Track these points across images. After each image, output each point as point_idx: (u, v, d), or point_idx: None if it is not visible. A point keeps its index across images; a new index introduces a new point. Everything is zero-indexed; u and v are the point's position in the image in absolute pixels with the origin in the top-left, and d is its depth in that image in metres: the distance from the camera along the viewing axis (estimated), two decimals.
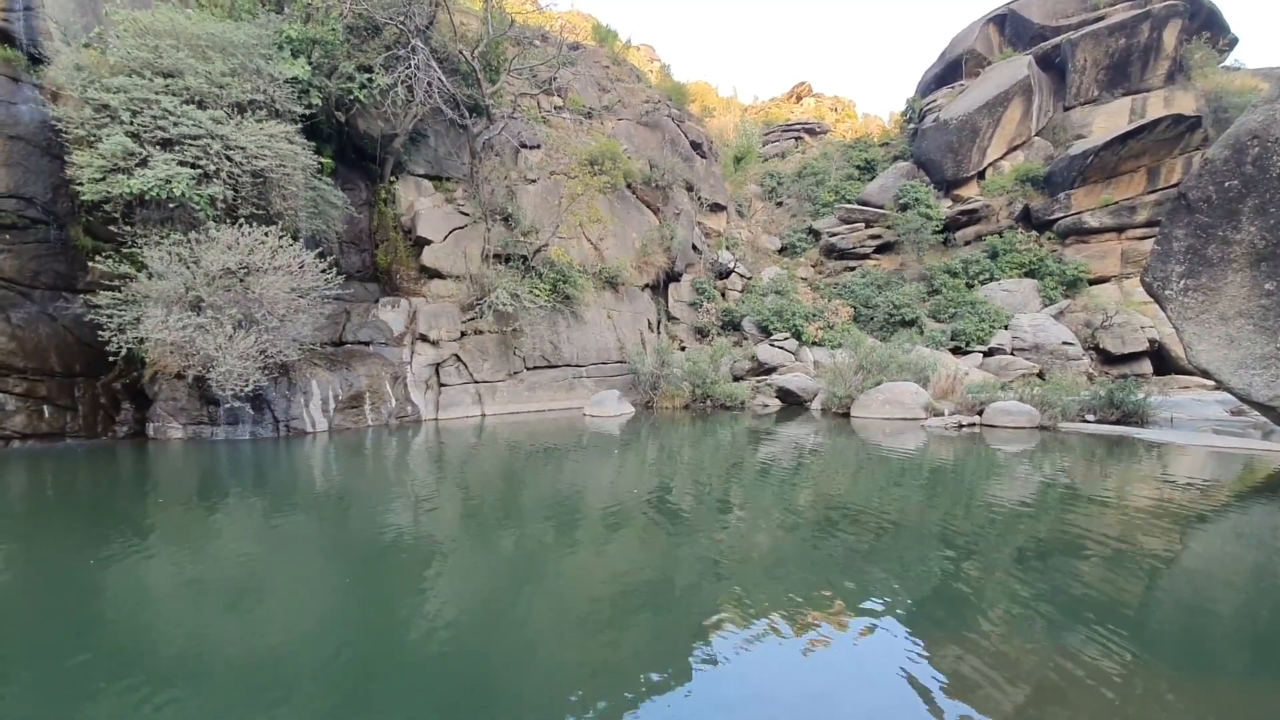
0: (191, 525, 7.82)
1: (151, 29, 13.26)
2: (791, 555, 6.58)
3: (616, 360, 22.58)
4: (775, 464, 11.48)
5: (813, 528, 7.44)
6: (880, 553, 6.48)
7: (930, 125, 31.78)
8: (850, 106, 48.74)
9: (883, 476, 10.41)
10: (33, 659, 4.39)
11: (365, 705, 3.85)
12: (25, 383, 13.41)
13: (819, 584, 5.70)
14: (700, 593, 5.60)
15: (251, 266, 13.26)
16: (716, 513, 8.32)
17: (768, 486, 9.89)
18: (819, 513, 8.12)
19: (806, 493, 9.38)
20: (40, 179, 13.78)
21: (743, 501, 8.95)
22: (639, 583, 5.79)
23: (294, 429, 14.60)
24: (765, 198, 36.83)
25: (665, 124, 28.28)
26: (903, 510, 8.18)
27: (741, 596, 5.45)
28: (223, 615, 5.16)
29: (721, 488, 9.92)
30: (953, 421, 15.84)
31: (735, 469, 11.33)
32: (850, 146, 37.90)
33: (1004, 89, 29.58)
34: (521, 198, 21.02)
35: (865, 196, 32.44)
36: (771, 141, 42.86)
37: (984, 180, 30.63)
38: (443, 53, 18.76)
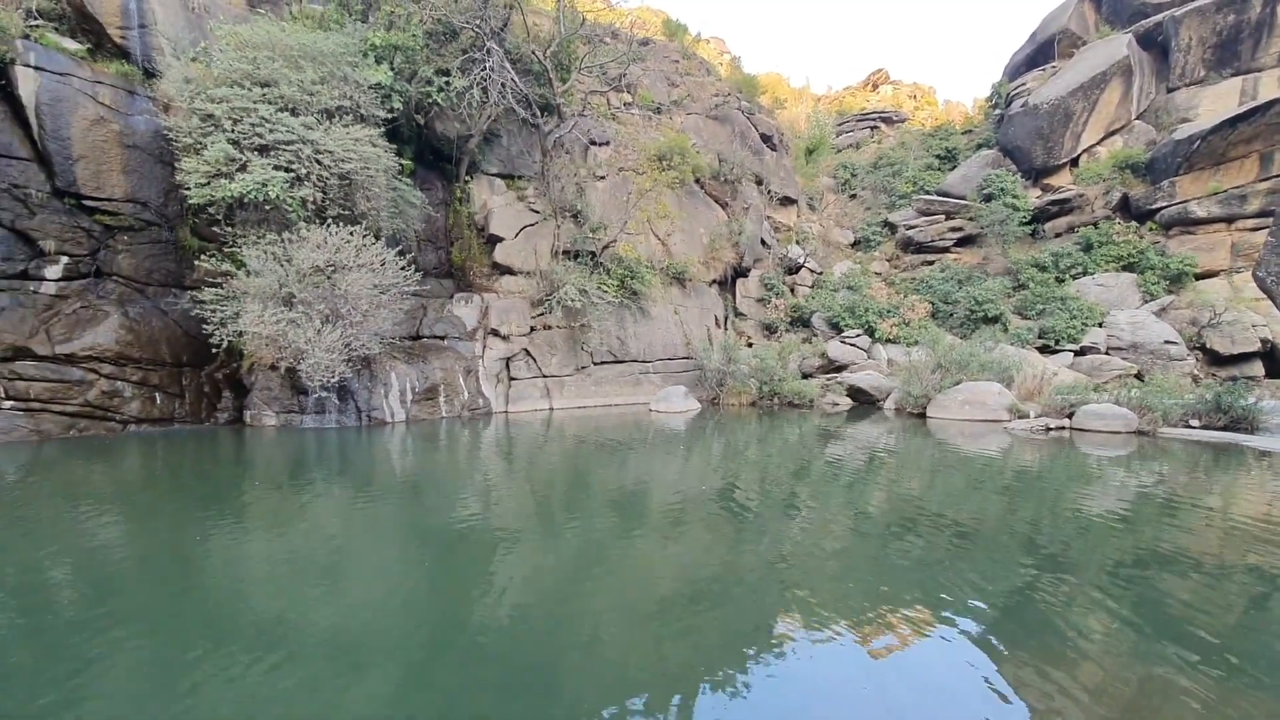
0: (283, 507, 8.35)
1: (250, 42, 14.17)
2: (860, 559, 6.39)
3: (683, 356, 22.54)
4: (845, 464, 11.17)
5: (884, 532, 7.20)
6: (956, 561, 6.20)
7: (1018, 110, 30.05)
8: (930, 93, 46.73)
9: (960, 480, 9.96)
10: (144, 625, 4.80)
11: (435, 682, 4.01)
12: (140, 372, 14.65)
13: (889, 590, 5.51)
14: (764, 593, 5.52)
15: (338, 264, 14.00)
16: (783, 512, 8.18)
17: (837, 487, 9.64)
18: (891, 516, 7.85)
19: (878, 495, 9.08)
20: (154, 184, 14.99)
21: (810, 502, 8.76)
22: (703, 580, 5.76)
23: (374, 419, 15.33)
24: (838, 190, 35.83)
25: (735, 117, 27.93)
26: (981, 517, 7.80)
27: (807, 599, 5.34)
28: (310, 590, 5.49)
29: (788, 487, 9.74)
30: (1039, 424, 14.97)
31: (803, 468, 11.11)
32: (930, 135, 36.33)
33: (1101, 70, 27.60)
34: (590, 194, 21.26)
35: (946, 187, 31.03)
36: (845, 132, 41.62)
37: (1077, 168, 28.72)
38: (516, 54, 19.19)
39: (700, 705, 3.76)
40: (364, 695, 3.88)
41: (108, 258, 14.62)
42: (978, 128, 35.07)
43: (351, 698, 3.84)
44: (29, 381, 13.16)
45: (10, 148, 13.30)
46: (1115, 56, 27.70)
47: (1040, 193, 28.87)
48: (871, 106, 44.28)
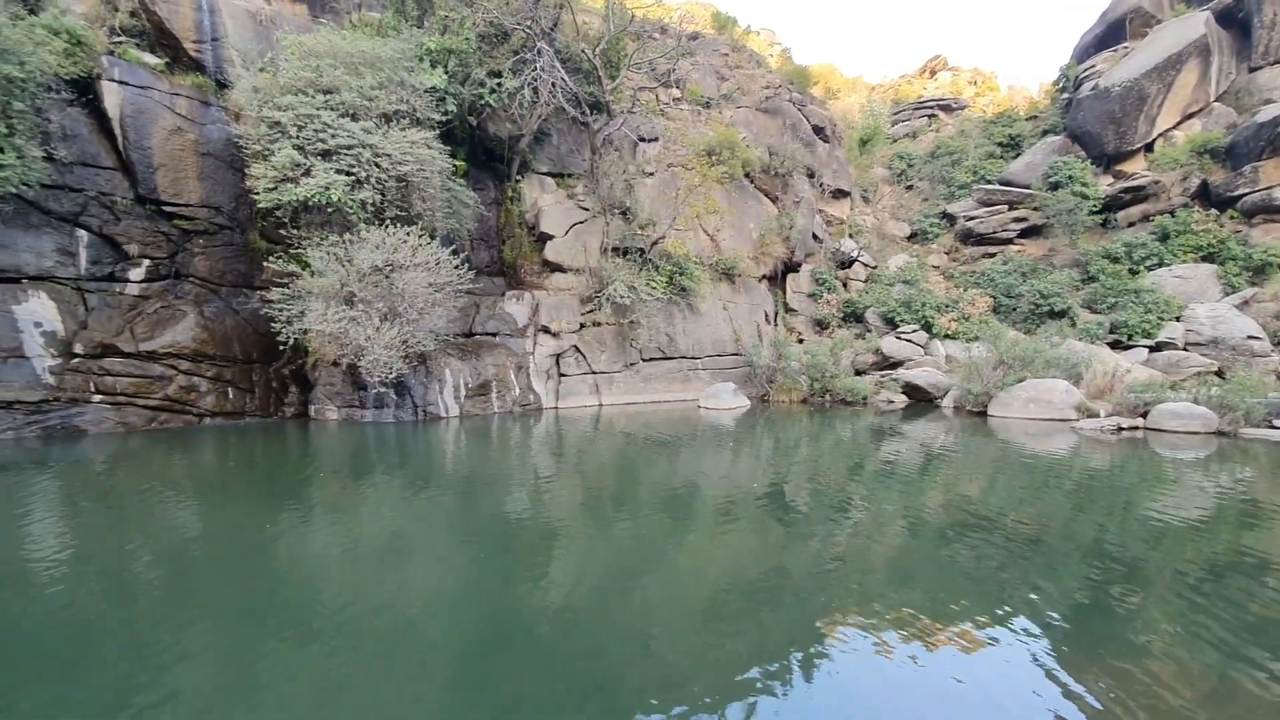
0: (345, 497, 8.70)
1: (314, 50, 14.73)
2: (915, 561, 6.22)
3: (732, 353, 22.37)
4: (900, 464, 10.89)
5: (941, 533, 7.00)
6: (1017, 565, 5.98)
7: (1088, 94, 28.54)
8: (992, 79, 44.85)
9: (1024, 482, 9.57)
10: (222, 612, 5.09)
11: (489, 671, 4.12)
12: (214, 368, 15.48)
13: (945, 594, 5.35)
14: (815, 593, 5.45)
15: (395, 264, 14.45)
16: (835, 512, 8.04)
17: (891, 487, 9.41)
18: (948, 518, 7.61)
19: (935, 496, 8.82)
20: (226, 190, 15.78)
21: (864, 502, 8.58)
22: (752, 578, 5.73)
23: (430, 413, 15.78)
24: (893, 181, 34.83)
25: (786, 109, 27.47)
26: (1046, 520, 7.48)
27: (859, 601, 5.24)
28: (370, 578, 5.71)
29: (841, 486, 9.56)
30: (1110, 424, 14.25)
31: (856, 467, 10.88)
32: (991, 122, 34.89)
33: (1177, 50, 25.91)
34: (639, 191, 21.29)
35: (1009, 176, 29.76)
36: (901, 121, 40.40)
37: (1152, 153, 27.08)
38: (566, 53, 19.36)
39: (750, 707, 3.74)
40: (425, 684, 4.01)
41: (185, 260, 15.49)
42: (1044, 113, 33.48)
43: (414, 686, 3.98)
44: (115, 377, 14.07)
45: (98, 158, 14.23)
46: (1192, 35, 25.96)
47: (1112, 180, 27.36)
48: (929, 94, 42.82)
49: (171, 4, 15.42)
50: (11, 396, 12.90)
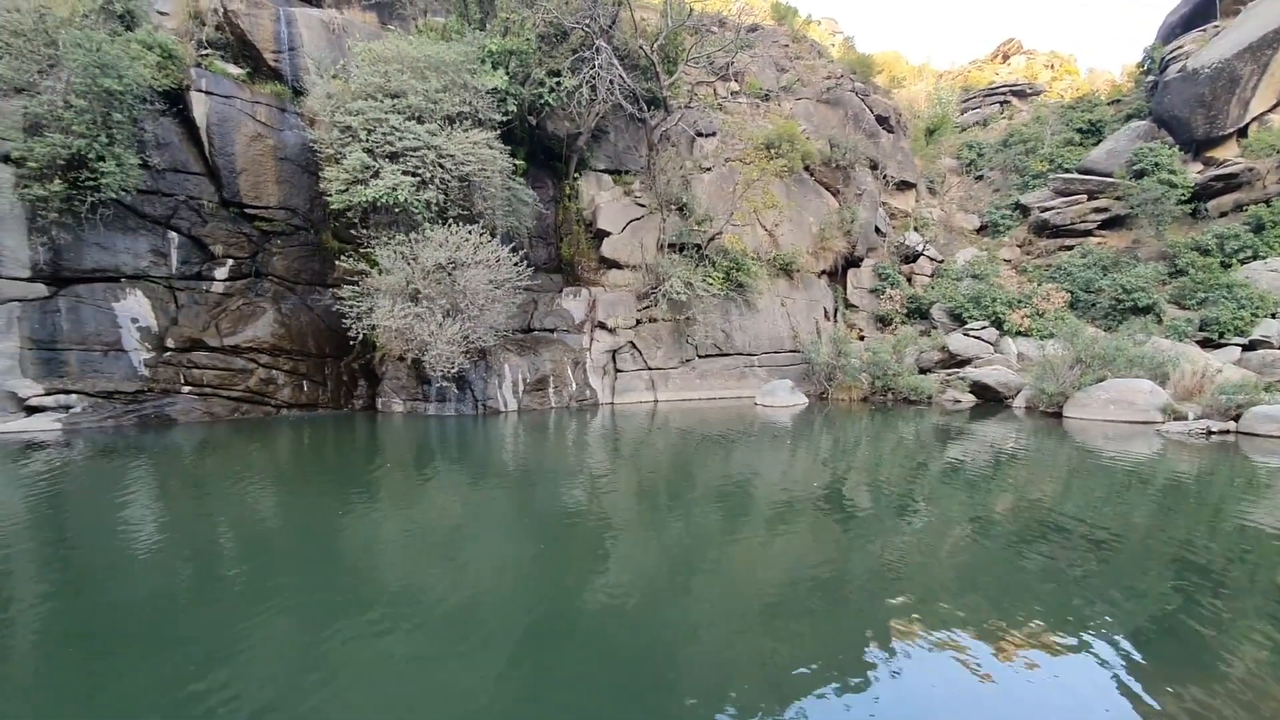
0: (410, 487, 9.04)
1: (382, 56, 15.29)
2: (981, 567, 6.00)
3: (790, 349, 22.04)
4: (967, 465, 10.50)
5: (1010, 539, 6.72)
6: (1093, 575, 5.68)
7: (1175, 76, 26.64)
8: (1070, 62, 42.47)
9: (1102, 487, 9.07)
10: (294, 593, 5.38)
11: (546, 658, 4.22)
12: (291, 361, 16.31)
13: (1014, 602, 5.14)
14: (874, 597, 5.32)
15: (458, 261, 14.87)
16: (896, 514, 7.83)
17: (957, 489, 9.08)
18: (1019, 523, 7.29)
19: (1004, 499, 8.47)
20: (301, 193, 16.58)
21: (927, 504, 8.31)
22: (808, 579, 5.65)
23: (489, 407, 16.19)
24: (962, 172, 33.47)
25: (848, 100, 26.78)
26: (1126, 527, 7.08)
27: (920, 606, 5.09)
28: (433, 565, 5.93)
29: (903, 487, 9.30)
30: (1199, 427, 13.33)
31: (920, 468, 10.55)
32: (1070, 108, 33.01)
33: (1272, 28, 23.81)
34: (696, 187, 21.19)
35: (1088, 164, 28.12)
36: (972, 108, 38.76)
37: (1245, 139, 25.05)
38: (623, 50, 19.43)
39: (802, 710, 3.70)
40: (486, 666, 4.14)
41: (264, 259, 16.39)
42: (1127, 97, 31.47)
43: (475, 667, 4.12)
44: (202, 370, 15.02)
45: (187, 164, 15.19)
46: None
47: (1201, 167, 25.48)
48: (1001, 80, 40.89)
49: (253, 16, 16.28)
50: (112, 387, 13.96)
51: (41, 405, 13.09)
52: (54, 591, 5.35)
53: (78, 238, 13.71)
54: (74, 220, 13.44)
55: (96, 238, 13.97)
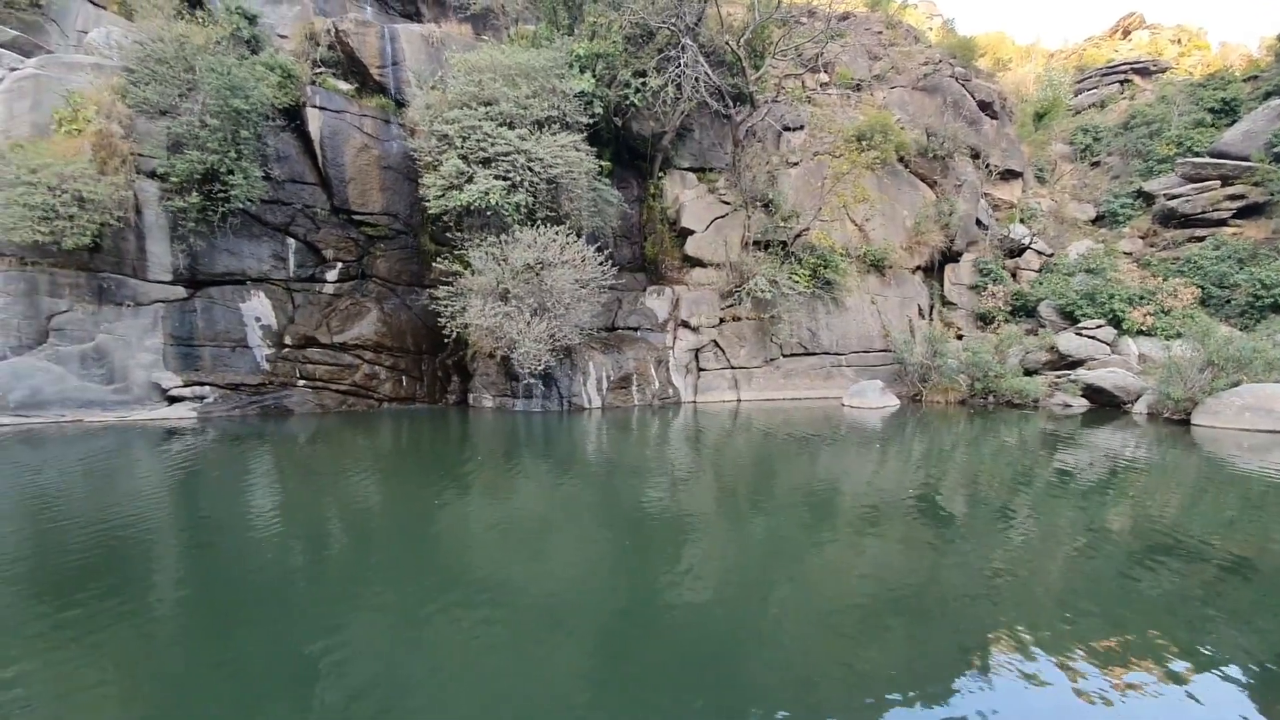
0: (499, 479, 9.40)
1: (477, 65, 15.95)
2: (1091, 586, 5.55)
3: (880, 349, 21.20)
4: (1079, 475, 9.74)
5: (1125, 557, 6.18)
6: (1225, 598, 5.13)
7: None
8: (1199, 35, 38.36)
9: (1236, 502, 8.17)
10: (392, 576, 5.74)
11: (625, 653, 4.29)
12: (391, 358, 17.35)
13: (1128, 625, 4.72)
14: (969, 612, 5.05)
15: (545, 261, 15.30)
16: (995, 525, 7.38)
17: (1065, 501, 8.44)
18: (1138, 539, 6.70)
19: (1120, 513, 7.80)
20: (402, 199, 17.58)
21: (1032, 515, 7.78)
22: (897, 589, 5.43)
23: (574, 404, 16.56)
24: (1076, 158, 30.98)
25: (946, 86, 25.38)
26: (1262, 550, 6.34)
27: (1020, 625, 4.78)
28: (521, 556, 6.15)
29: (1004, 497, 8.75)
30: None
31: (1023, 477, 9.89)
32: (1200, 85, 29.79)
33: None
34: (782, 182, 20.76)
35: (1222, 146, 25.30)
36: (1087, 89, 35.80)
37: None
38: (709, 46, 19.31)
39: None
40: (567, 659, 4.27)
41: (369, 262, 17.51)
42: (1265, 73, 28.01)
43: (556, 659, 4.25)
44: (315, 365, 16.25)
45: (303, 175, 16.45)
46: None
47: None
48: (1121, 57, 37.47)
49: (361, 35, 17.41)
50: (238, 380, 15.35)
51: (180, 395, 14.58)
52: (191, 562, 5.97)
53: (211, 245, 15.15)
54: (208, 229, 14.86)
55: (226, 244, 15.39)
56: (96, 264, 13.82)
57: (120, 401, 14.03)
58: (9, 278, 12.95)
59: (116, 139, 13.67)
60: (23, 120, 13.28)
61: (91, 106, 13.57)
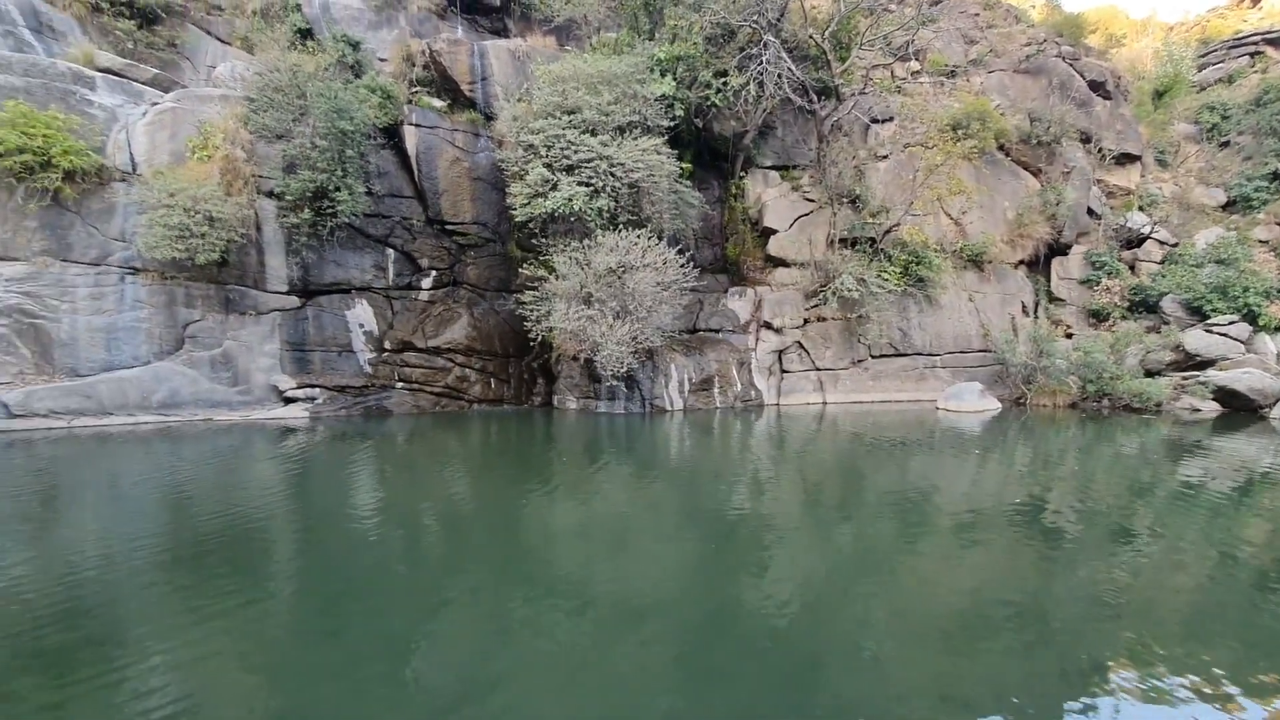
0: (583, 479, 9.58)
1: (560, 76, 16.37)
2: (1224, 607, 5.01)
3: (979, 349, 20.03)
4: (1209, 486, 8.82)
5: (1260, 578, 5.54)
6: None
7: None
8: None
9: None
10: (481, 572, 5.97)
11: (707, 659, 4.26)
12: (480, 361, 18.07)
13: (1260, 654, 4.22)
14: (1082, 631, 4.67)
15: (627, 265, 15.48)
16: (1112, 538, 6.80)
17: (1194, 514, 7.66)
18: (1275, 560, 5.99)
19: (1258, 530, 7.00)
20: (491, 208, 18.28)
21: (1153, 529, 7.12)
22: (999, 605, 5.11)
23: (656, 406, 16.64)
24: (1202, 138, 28.08)
25: (1052, 66, 23.69)
26: None
27: (1137, 648, 4.38)
28: (603, 555, 6.24)
29: (1122, 508, 8.05)
30: None
31: (1145, 487, 9.07)
32: None
33: None
34: (870, 177, 20.04)
35: None
36: (1212, 64, 32.38)
37: None
38: (792, 42, 18.93)
39: None
40: (648, 662, 4.29)
41: (460, 269, 18.32)
42: None
43: (637, 662, 4.28)
44: (412, 368, 17.16)
45: (401, 189, 17.43)
46: None
47: None
48: (1250, 27, 33.63)
49: (453, 53, 18.28)
50: (344, 382, 16.44)
51: (294, 396, 15.77)
52: (303, 550, 6.45)
53: (320, 257, 16.32)
54: (318, 242, 16.02)
55: (334, 256, 16.53)
56: (224, 277, 15.20)
57: (244, 402, 15.35)
58: (151, 291, 14.46)
59: (240, 163, 14.99)
60: (163, 149, 14.79)
61: (219, 134, 14.95)
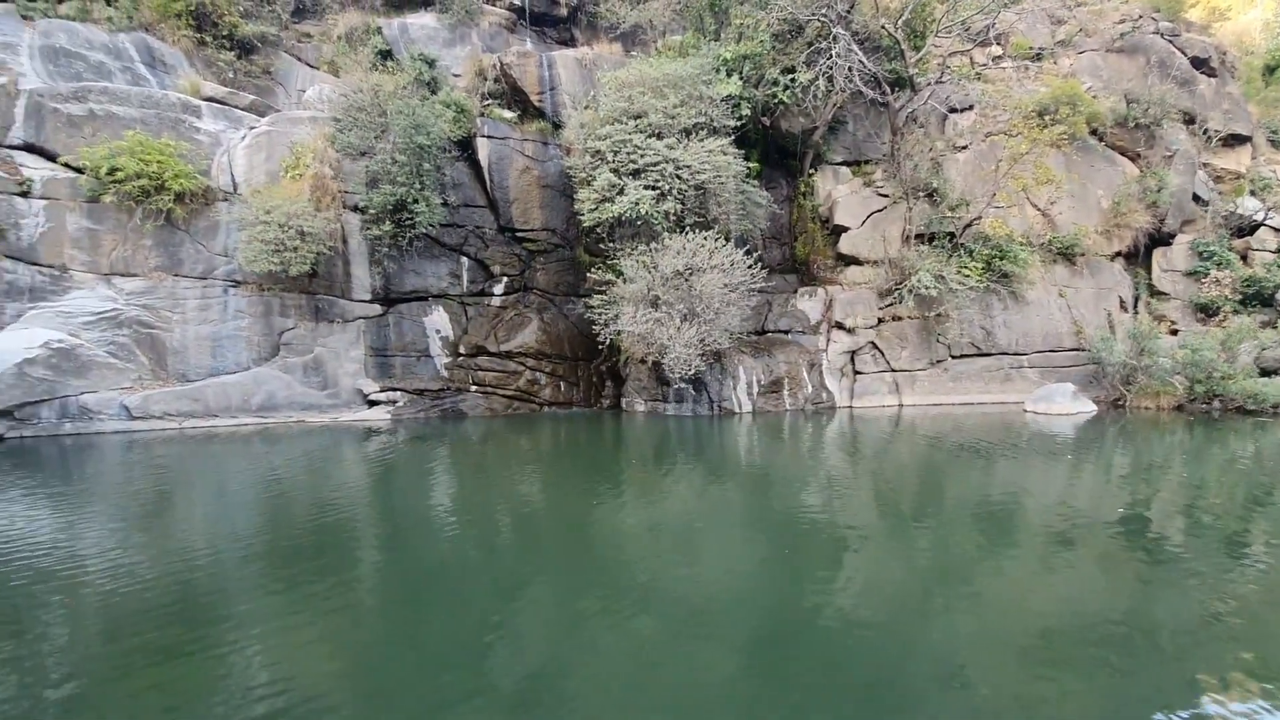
0: (652, 482, 9.62)
1: (626, 81, 16.53)
2: None
3: (1071, 348, 18.82)
4: None
5: None
6: None
7: None
8: None
9: None
10: (552, 572, 6.09)
11: (780, 668, 4.18)
12: (550, 364, 18.44)
13: None
14: (1189, 653, 4.31)
15: (694, 267, 15.45)
16: (1225, 551, 6.24)
17: None
18: None
19: None
20: (559, 214, 18.66)
21: (1272, 542, 6.49)
22: (1096, 619, 4.78)
23: (724, 409, 16.50)
24: None
25: (1149, 44, 22.02)
26: None
27: (1251, 671, 3.99)
28: (674, 560, 6.25)
29: (1237, 519, 7.38)
30: None
31: (1262, 496, 8.28)
32: None
33: None
34: (949, 169, 19.21)
35: None
36: None
37: None
38: (863, 33, 18.38)
39: None
40: (717, 668, 4.27)
41: (530, 275, 18.80)
42: None
43: (707, 668, 4.26)
44: (485, 372, 17.72)
45: (474, 199, 18.06)
46: None
47: None
48: None
49: (522, 66, 18.79)
50: (422, 386, 17.15)
51: (377, 399, 16.58)
52: (386, 545, 6.77)
53: (400, 266, 17.11)
54: (398, 253, 16.79)
55: (412, 265, 17.29)
56: (314, 287, 16.16)
57: (332, 405, 16.26)
58: (251, 302, 15.55)
59: (328, 179, 15.92)
60: (259, 170, 15.89)
61: (309, 154, 15.92)
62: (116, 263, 14.48)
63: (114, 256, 14.46)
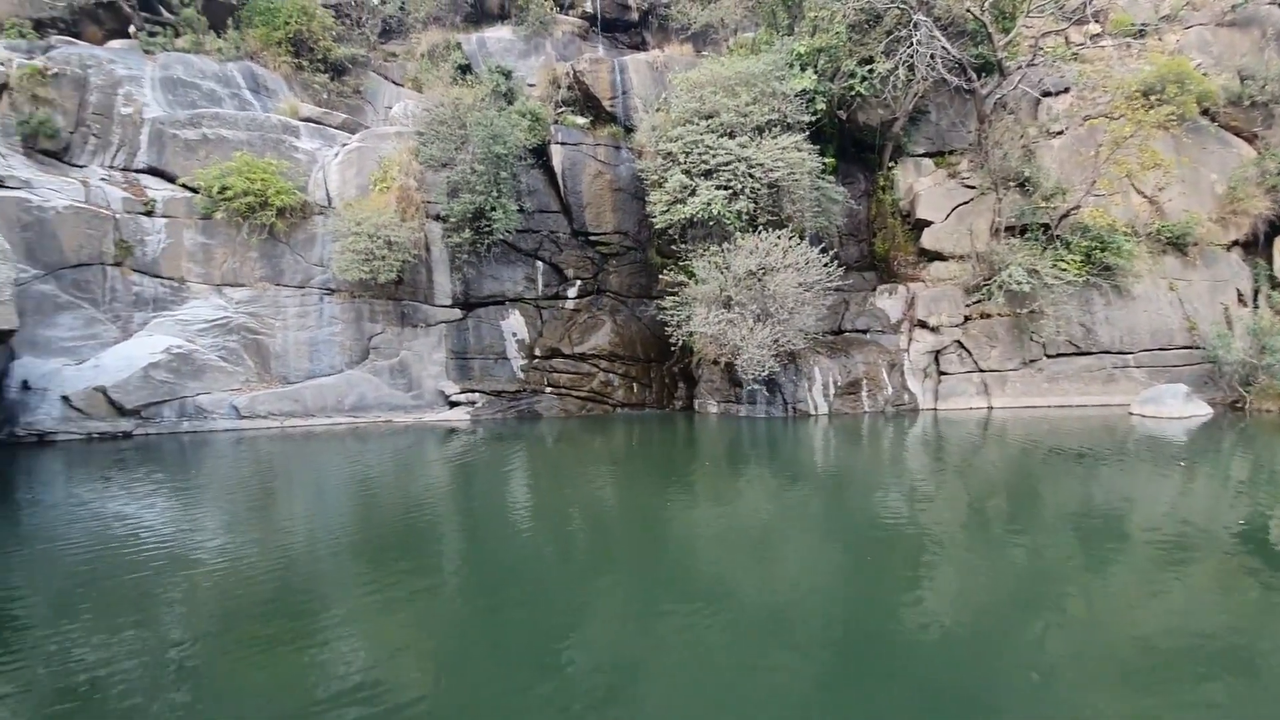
0: (725, 484, 9.56)
1: (697, 81, 16.50)
2: None
3: (1182, 345, 17.32)
4: None
5: None
6: None
7: None
8: None
9: None
10: (624, 573, 6.14)
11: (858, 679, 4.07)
12: (623, 366, 18.62)
13: None
14: None
15: (767, 266, 15.23)
16: None
17: None
18: None
19: None
20: (631, 217, 18.83)
21: None
22: (1211, 638, 4.39)
23: (799, 410, 16.16)
24: None
25: (1265, 16, 19.97)
26: None
27: None
28: (748, 564, 6.18)
29: None
30: None
31: None
32: None
33: None
34: (1042, 156, 18.09)
35: None
36: None
37: None
38: (946, 18, 17.58)
39: None
40: (793, 678, 4.19)
41: (603, 278, 19.06)
42: None
43: (782, 677, 4.19)
44: (559, 373, 18.09)
45: (548, 205, 18.49)
46: None
47: None
48: None
49: (594, 72, 19.10)
50: (499, 387, 17.69)
51: (458, 401, 17.23)
52: (467, 542, 7.04)
53: (479, 272, 17.73)
54: (476, 259, 17.40)
55: (490, 271, 17.88)
56: (400, 294, 16.98)
57: (416, 405, 17.02)
58: (344, 308, 16.50)
59: (412, 191, 16.69)
60: (351, 184, 16.85)
61: (395, 167, 16.75)
62: (227, 274, 15.71)
63: (224, 268, 15.69)
